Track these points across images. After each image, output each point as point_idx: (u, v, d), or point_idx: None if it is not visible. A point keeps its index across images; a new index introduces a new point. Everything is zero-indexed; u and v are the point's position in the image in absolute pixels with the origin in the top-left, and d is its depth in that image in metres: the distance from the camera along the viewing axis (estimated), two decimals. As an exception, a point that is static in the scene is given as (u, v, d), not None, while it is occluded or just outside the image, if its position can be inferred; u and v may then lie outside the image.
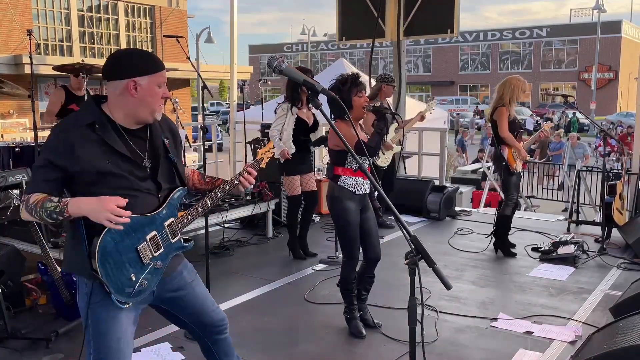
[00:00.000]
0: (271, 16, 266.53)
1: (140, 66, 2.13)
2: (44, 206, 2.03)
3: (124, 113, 2.16)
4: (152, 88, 2.14)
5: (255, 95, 44.84)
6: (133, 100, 2.13)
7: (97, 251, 2.03)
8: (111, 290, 2.08)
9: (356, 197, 3.72)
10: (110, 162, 2.12)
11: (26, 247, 4.36)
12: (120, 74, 2.11)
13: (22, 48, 16.65)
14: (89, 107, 2.19)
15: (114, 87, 2.13)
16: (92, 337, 2.16)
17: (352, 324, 3.85)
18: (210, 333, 2.53)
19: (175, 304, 2.40)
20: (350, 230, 3.71)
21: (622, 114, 32.91)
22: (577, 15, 50.82)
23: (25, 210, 2.07)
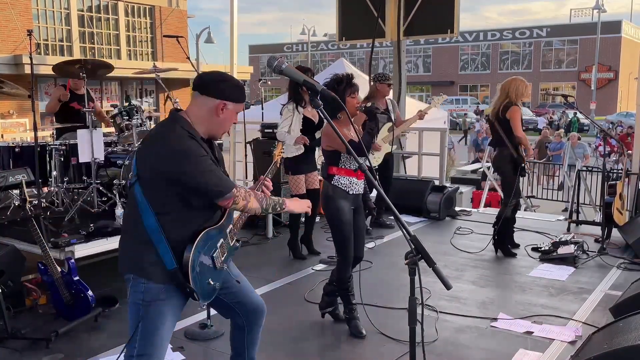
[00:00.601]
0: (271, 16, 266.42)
1: (233, 93, 2.37)
2: (271, 198, 2.51)
3: (204, 127, 2.36)
4: (232, 114, 2.39)
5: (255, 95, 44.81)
6: (216, 120, 2.35)
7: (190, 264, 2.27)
8: (198, 296, 2.33)
9: (350, 197, 3.76)
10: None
11: (26, 247, 4.35)
12: (216, 93, 2.33)
13: (22, 48, 16.66)
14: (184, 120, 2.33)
15: (204, 102, 2.34)
16: (140, 334, 2.30)
17: (352, 324, 3.86)
18: (252, 317, 2.66)
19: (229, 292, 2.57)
20: (344, 230, 3.74)
21: (622, 114, 32.91)
22: (577, 15, 50.83)
23: (256, 199, 2.41)
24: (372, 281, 4.90)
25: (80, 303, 3.89)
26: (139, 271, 2.32)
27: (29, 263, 4.33)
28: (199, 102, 2.35)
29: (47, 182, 5.34)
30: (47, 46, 19.47)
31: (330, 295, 4.02)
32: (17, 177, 4.93)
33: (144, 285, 2.30)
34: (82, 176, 5.26)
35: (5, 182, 4.82)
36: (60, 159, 5.22)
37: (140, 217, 2.28)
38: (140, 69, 7.03)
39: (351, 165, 3.74)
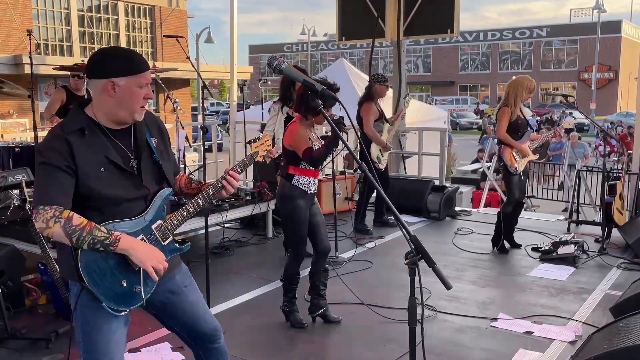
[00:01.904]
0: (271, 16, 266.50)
1: (120, 67, 2.07)
2: (92, 233, 1.98)
3: (103, 113, 2.12)
4: (131, 89, 2.08)
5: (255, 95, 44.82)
6: (111, 101, 2.09)
7: (79, 260, 2.00)
8: (101, 298, 2.05)
9: (307, 196, 3.82)
10: (104, 169, 2.09)
11: (26, 247, 4.36)
12: (101, 73, 2.07)
13: (22, 48, 16.65)
14: (75, 113, 2.14)
15: (95, 86, 2.11)
16: (81, 337, 2.15)
17: (291, 316, 3.94)
18: (201, 342, 2.45)
19: (165, 310, 2.33)
20: (299, 229, 3.81)
21: (622, 114, 32.90)
22: (577, 15, 50.82)
23: (63, 227, 1.95)
24: (372, 281, 4.91)
25: (80, 303, 3.88)
26: (65, 272, 2.16)
27: (29, 263, 4.33)
28: (92, 87, 2.11)
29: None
30: (47, 46, 19.47)
31: (316, 298, 4.02)
32: (17, 177, 4.92)
33: (75, 288, 2.12)
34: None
35: (5, 182, 4.82)
36: (60, 159, 5.21)
37: None
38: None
39: (310, 165, 3.79)
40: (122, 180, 2.13)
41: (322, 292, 4.02)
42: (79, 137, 2.07)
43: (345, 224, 6.47)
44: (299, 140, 3.73)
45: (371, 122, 6.13)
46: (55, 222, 1.95)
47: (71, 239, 1.96)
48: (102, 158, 2.09)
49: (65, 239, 1.96)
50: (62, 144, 2.03)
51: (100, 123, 2.13)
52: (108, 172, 2.09)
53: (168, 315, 2.35)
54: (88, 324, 2.12)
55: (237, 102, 9.05)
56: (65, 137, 2.05)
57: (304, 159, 3.71)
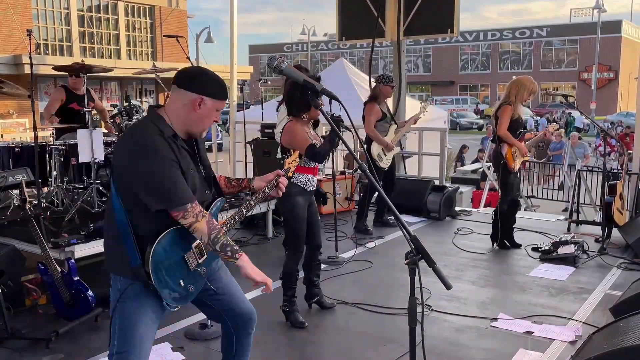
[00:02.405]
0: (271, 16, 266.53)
1: (213, 89, 2.26)
2: (227, 238, 2.27)
3: (181, 123, 2.26)
4: (211, 111, 2.27)
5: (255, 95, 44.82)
6: (193, 115, 2.25)
7: (150, 261, 2.16)
8: (163, 297, 2.23)
9: (307, 193, 3.89)
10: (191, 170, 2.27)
11: (26, 247, 4.35)
12: (195, 88, 2.23)
13: (22, 48, 16.66)
14: (158, 118, 2.25)
15: (182, 96, 2.24)
16: (117, 330, 2.27)
17: (291, 316, 3.97)
18: (238, 325, 2.59)
19: (205, 292, 2.46)
20: (298, 225, 3.88)
21: (622, 114, 32.89)
22: (577, 15, 50.79)
23: (207, 224, 2.20)
24: (372, 281, 4.91)
25: (80, 303, 3.89)
26: (114, 268, 2.29)
27: (29, 263, 4.33)
28: (177, 97, 2.26)
29: (47, 182, 5.34)
30: (47, 46, 19.47)
31: (311, 288, 4.20)
32: (17, 177, 4.93)
33: (120, 283, 2.27)
34: (82, 176, 5.26)
35: (5, 182, 4.82)
36: (60, 159, 5.22)
37: (113, 212, 2.24)
38: (140, 69, 7.03)
39: (310, 163, 3.85)
40: (200, 185, 2.32)
41: (315, 282, 4.21)
42: (174, 142, 2.22)
43: (345, 224, 6.47)
44: (299, 139, 3.77)
45: (372, 122, 6.13)
46: (202, 217, 2.20)
47: (209, 235, 2.21)
48: (188, 162, 2.27)
49: (205, 234, 2.20)
50: (166, 144, 2.17)
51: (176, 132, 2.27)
52: (193, 178, 2.27)
53: (220, 303, 2.52)
54: (127, 319, 2.26)
55: (237, 102, 9.05)
56: (166, 141, 2.19)
57: (308, 155, 3.74)
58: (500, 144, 5.51)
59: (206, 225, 2.20)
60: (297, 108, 3.81)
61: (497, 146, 5.55)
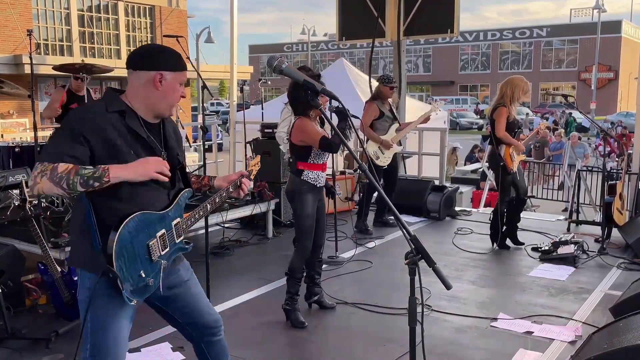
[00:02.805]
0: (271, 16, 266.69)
1: (169, 62, 2.19)
2: (79, 173, 1.95)
3: (144, 104, 2.19)
4: (174, 84, 2.20)
5: (255, 95, 44.82)
6: (156, 93, 2.17)
7: (115, 243, 2.02)
8: (123, 285, 2.07)
9: (316, 190, 3.93)
10: (133, 152, 2.13)
11: (26, 247, 4.35)
12: (150, 65, 2.16)
13: (22, 48, 16.65)
14: (113, 97, 2.20)
15: (139, 78, 2.17)
16: (89, 333, 2.17)
17: (292, 315, 3.97)
18: (203, 335, 2.49)
19: (169, 302, 2.37)
20: (307, 222, 3.91)
21: (622, 114, 32.89)
22: (577, 15, 50.79)
23: (49, 179, 1.93)
24: (372, 281, 4.91)
25: (80, 303, 3.88)
26: (80, 263, 2.18)
27: (29, 263, 4.33)
28: (135, 79, 2.17)
29: (47, 182, 5.33)
30: (47, 46, 19.46)
31: (311, 286, 4.21)
32: (17, 177, 4.93)
33: (88, 280, 2.14)
34: (82, 176, 5.25)
35: (5, 182, 4.82)
36: (60, 159, 5.21)
37: (79, 205, 2.15)
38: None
39: (319, 159, 3.89)
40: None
41: (317, 280, 4.21)
42: (118, 118, 2.13)
43: (345, 224, 6.47)
44: (311, 133, 3.80)
45: (367, 121, 6.17)
46: (42, 177, 1.95)
47: (61, 186, 1.94)
48: (136, 144, 2.16)
49: (57, 189, 1.95)
50: (99, 118, 2.08)
51: (137, 112, 2.19)
52: (139, 155, 2.14)
53: (173, 308, 2.40)
54: (99, 320, 2.15)
55: (237, 102, 9.05)
56: (106, 114, 2.11)
57: (322, 146, 3.77)
58: (497, 145, 5.51)
59: (49, 180, 1.93)
60: (303, 107, 3.83)
61: (494, 148, 5.56)
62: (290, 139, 3.94)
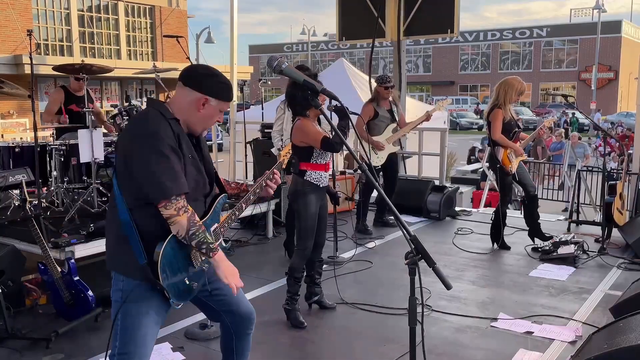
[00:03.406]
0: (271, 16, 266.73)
1: (218, 89, 2.26)
2: (205, 234, 2.19)
3: (183, 118, 2.25)
4: (215, 111, 2.28)
5: (255, 95, 44.83)
6: (197, 114, 2.25)
7: (160, 258, 2.16)
8: (170, 295, 2.21)
9: (319, 190, 3.93)
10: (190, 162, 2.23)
11: (26, 247, 4.35)
12: (199, 86, 2.23)
13: (22, 48, 16.66)
14: (160, 104, 2.26)
15: (187, 95, 2.24)
16: (119, 331, 2.25)
17: (292, 315, 3.97)
18: (238, 325, 2.57)
19: (205, 292, 2.44)
20: (309, 223, 3.91)
21: (622, 114, 32.89)
22: (577, 15, 50.81)
23: (188, 219, 2.14)
24: (372, 281, 4.91)
25: (80, 303, 3.88)
26: (117, 267, 2.27)
27: (29, 263, 4.33)
28: (182, 93, 2.25)
29: (47, 182, 5.33)
30: (47, 46, 19.47)
31: (311, 286, 4.22)
32: (17, 177, 4.92)
33: (123, 283, 2.24)
34: (82, 176, 5.26)
35: (5, 182, 4.81)
36: (60, 159, 5.22)
37: (116, 210, 2.21)
38: (140, 69, 7.03)
39: (322, 160, 3.89)
40: (197, 178, 2.28)
41: (317, 280, 4.21)
42: (176, 124, 2.21)
43: (345, 224, 6.47)
44: (312, 133, 3.80)
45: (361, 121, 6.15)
46: (184, 212, 2.14)
47: (188, 231, 2.14)
48: (190, 149, 2.25)
49: (184, 229, 2.14)
50: (168, 127, 2.15)
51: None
52: (191, 167, 2.24)
53: (212, 298, 2.48)
54: (130, 319, 2.23)
55: (237, 102, 9.05)
56: (168, 121, 2.18)
57: (324, 146, 3.77)
58: (495, 147, 5.53)
59: (186, 220, 2.14)
60: (301, 107, 3.84)
61: (493, 149, 5.59)
62: (292, 141, 3.93)
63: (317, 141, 3.76)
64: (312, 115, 3.86)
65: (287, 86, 3.96)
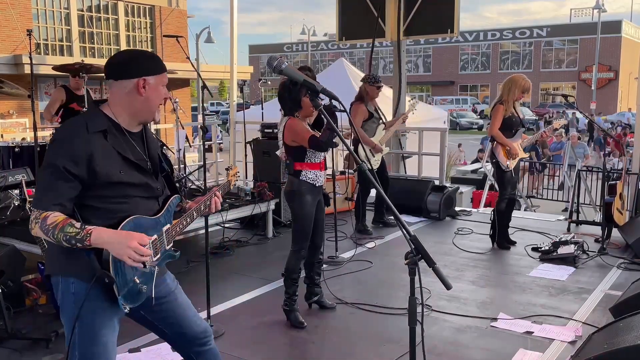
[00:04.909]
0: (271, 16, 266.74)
1: (149, 66, 2.18)
2: (63, 230, 1.98)
3: (128, 113, 2.18)
4: (157, 87, 2.19)
5: (255, 95, 44.83)
6: (140, 99, 2.16)
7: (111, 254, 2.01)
8: (119, 292, 2.06)
9: (316, 190, 3.91)
10: (122, 171, 2.13)
11: (26, 247, 4.36)
12: (131, 72, 2.15)
13: (22, 48, 16.65)
14: (95, 113, 2.18)
15: (123, 87, 2.16)
16: (78, 341, 2.10)
17: (291, 315, 3.98)
18: (191, 345, 2.45)
19: (156, 312, 2.32)
20: (306, 223, 3.90)
21: (622, 114, 32.89)
22: (577, 15, 50.83)
23: (40, 229, 2.00)
24: (372, 281, 4.91)
25: (80, 303, 3.88)
26: (65, 269, 2.11)
27: (29, 263, 4.33)
28: (117, 89, 2.16)
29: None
30: (47, 46, 19.46)
31: (311, 286, 4.22)
32: (17, 177, 4.93)
33: (73, 285, 2.08)
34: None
35: (5, 182, 4.82)
36: (60, 159, 5.21)
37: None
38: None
39: (316, 158, 3.88)
40: (140, 179, 2.19)
41: (316, 280, 4.22)
42: (101, 139, 2.11)
43: (345, 224, 6.47)
44: (301, 132, 3.80)
45: (359, 122, 6.08)
46: (36, 224, 2.02)
47: (49, 237, 2.01)
48: (121, 160, 2.14)
49: (43, 236, 2.02)
50: (80, 146, 2.06)
51: (120, 124, 2.18)
52: (127, 174, 2.15)
53: (160, 318, 2.35)
54: (89, 328, 2.10)
55: (237, 102, 9.05)
56: (88, 137, 2.08)
57: (311, 145, 3.76)
58: (494, 142, 5.58)
59: (39, 229, 2.00)
60: (289, 108, 3.87)
61: (492, 144, 5.65)
62: (284, 141, 3.94)
63: (305, 140, 3.75)
64: (302, 116, 3.86)
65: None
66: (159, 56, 2.29)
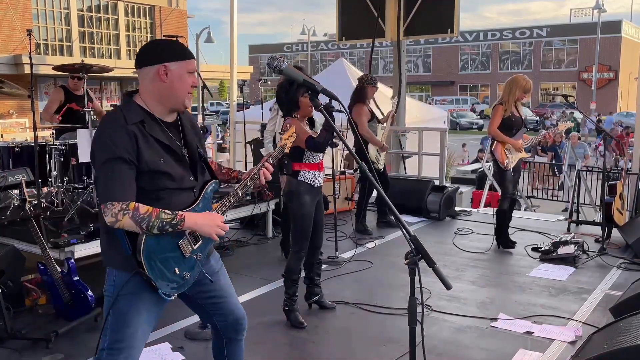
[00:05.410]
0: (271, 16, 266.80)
1: (171, 51, 2.20)
2: (159, 217, 2.09)
3: (157, 101, 2.21)
4: (181, 74, 2.19)
5: (255, 95, 44.81)
6: (164, 86, 2.18)
7: (142, 249, 2.10)
8: (157, 285, 2.14)
9: (314, 190, 3.90)
10: (163, 160, 2.18)
11: (26, 247, 4.35)
12: (152, 60, 2.18)
13: (22, 48, 16.66)
14: (129, 105, 2.21)
15: (146, 74, 2.19)
16: (109, 326, 2.21)
17: (291, 316, 3.98)
18: (229, 330, 2.52)
19: (200, 293, 2.40)
20: (305, 224, 3.88)
21: (622, 114, 32.89)
22: (577, 15, 50.83)
23: (131, 218, 2.05)
24: (372, 281, 4.91)
25: (80, 303, 3.89)
26: (110, 262, 2.25)
27: (29, 263, 4.32)
28: (142, 78, 2.21)
29: (47, 182, 5.34)
30: (46, 46, 19.47)
31: (311, 287, 4.21)
32: (17, 177, 4.92)
33: (115, 277, 2.21)
34: (82, 176, 5.25)
35: (5, 182, 4.81)
36: (60, 159, 5.22)
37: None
38: (140, 68, 6.99)
39: (314, 159, 3.87)
40: (178, 170, 2.23)
41: (316, 281, 4.22)
42: (140, 129, 2.15)
43: (345, 224, 6.47)
44: (298, 132, 3.75)
45: (365, 123, 6.09)
46: (124, 215, 2.06)
47: (141, 226, 2.07)
48: (161, 149, 2.19)
49: (136, 227, 2.07)
50: (125, 136, 2.11)
51: (154, 114, 2.21)
52: (166, 163, 2.19)
53: (203, 298, 2.43)
54: (121, 315, 2.19)
55: (237, 102, 9.05)
56: (128, 128, 2.12)
57: (309, 146, 3.76)
58: (494, 141, 5.60)
59: (131, 219, 2.06)
60: (286, 108, 3.86)
61: (492, 144, 5.66)
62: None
63: (302, 140, 3.74)
64: (300, 116, 3.85)
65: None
66: (184, 45, 2.29)
